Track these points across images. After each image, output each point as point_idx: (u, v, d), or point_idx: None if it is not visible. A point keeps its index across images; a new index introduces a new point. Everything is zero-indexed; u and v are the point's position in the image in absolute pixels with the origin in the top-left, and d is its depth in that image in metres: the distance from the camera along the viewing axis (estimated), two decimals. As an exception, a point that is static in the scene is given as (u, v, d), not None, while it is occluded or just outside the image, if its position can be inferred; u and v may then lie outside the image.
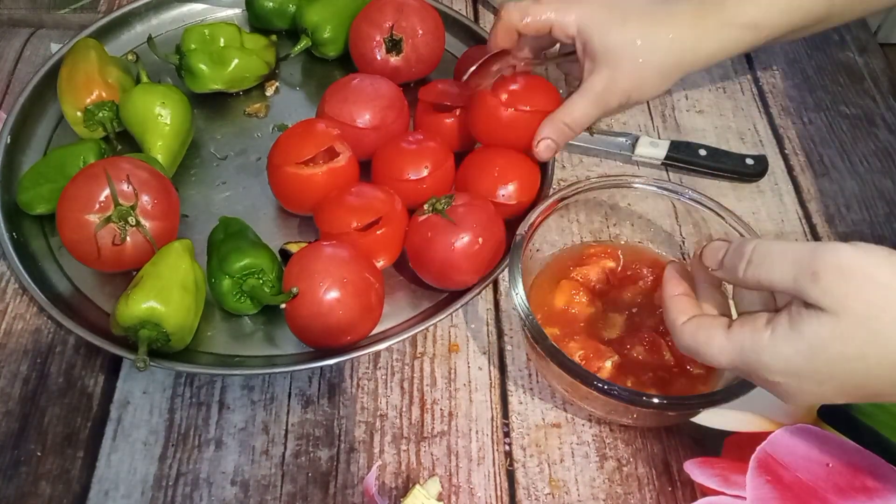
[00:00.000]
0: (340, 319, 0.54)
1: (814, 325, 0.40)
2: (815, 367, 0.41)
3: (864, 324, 0.39)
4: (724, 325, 0.44)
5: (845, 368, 0.40)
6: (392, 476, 0.53)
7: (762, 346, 0.42)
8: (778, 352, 0.41)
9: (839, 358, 0.40)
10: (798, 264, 0.40)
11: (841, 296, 0.39)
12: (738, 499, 0.53)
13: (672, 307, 0.47)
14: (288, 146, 0.62)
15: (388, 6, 0.71)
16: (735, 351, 0.43)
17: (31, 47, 0.78)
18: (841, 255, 0.39)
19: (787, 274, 0.40)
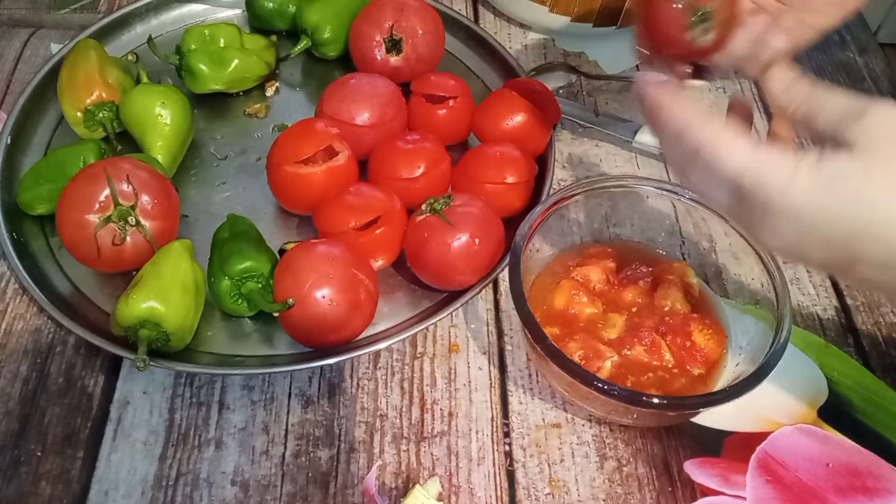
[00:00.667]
0: (328, 316, 0.54)
1: (841, 159, 0.39)
2: (822, 206, 0.39)
3: (889, 167, 0.38)
4: (753, 139, 0.42)
5: (848, 214, 0.39)
6: (392, 476, 0.53)
7: (783, 169, 0.40)
8: (796, 178, 0.40)
9: (850, 198, 0.39)
10: (852, 102, 0.41)
11: (877, 135, 0.39)
12: (738, 499, 0.53)
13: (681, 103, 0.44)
14: (287, 145, 0.62)
15: (388, 6, 0.71)
16: (754, 166, 0.41)
17: (31, 47, 0.78)
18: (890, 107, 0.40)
19: (838, 108, 0.41)
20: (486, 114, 0.68)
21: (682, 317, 0.58)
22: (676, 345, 0.56)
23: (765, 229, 0.42)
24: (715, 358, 0.56)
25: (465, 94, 0.68)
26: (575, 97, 0.77)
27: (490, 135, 0.67)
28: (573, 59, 0.81)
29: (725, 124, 0.43)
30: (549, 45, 0.83)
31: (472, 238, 0.58)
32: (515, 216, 0.62)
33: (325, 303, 0.54)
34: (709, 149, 0.42)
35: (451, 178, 0.65)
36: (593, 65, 0.81)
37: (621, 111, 0.76)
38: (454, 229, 0.58)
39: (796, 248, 0.42)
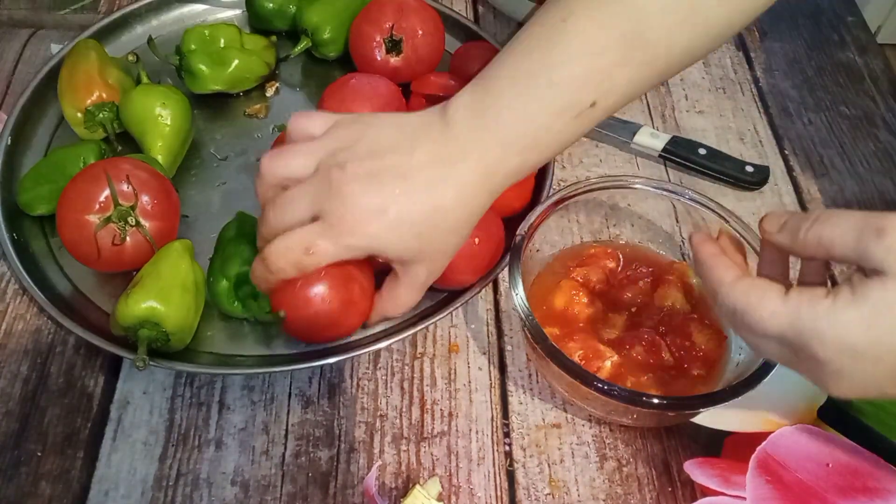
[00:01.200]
0: (320, 312, 0.53)
1: (878, 288, 0.38)
2: (876, 336, 0.38)
3: None
4: (781, 289, 0.41)
5: None
6: (392, 476, 0.53)
7: (821, 313, 0.39)
8: (838, 318, 0.38)
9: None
10: (863, 222, 0.39)
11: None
12: (739, 499, 0.53)
13: (717, 264, 0.44)
14: (288, 146, 0.62)
15: (388, 6, 0.71)
16: (790, 316, 0.40)
17: (32, 48, 0.78)
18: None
19: (851, 232, 0.39)
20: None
21: (682, 317, 0.58)
22: (676, 345, 0.56)
23: (831, 377, 0.40)
24: (715, 358, 0.56)
25: (465, 94, 0.68)
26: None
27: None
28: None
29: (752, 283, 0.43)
30: (549, 45, 0.83)
31: (472, 238, 0.58)
32: (515, 216, 0.62)
33: (317, 300, 0.53)
34: (743, 309, 0.42)
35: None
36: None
37: (622, 111, 0.76)
38: (454, 229, 0.57)
39: (869, 386, 0.40)
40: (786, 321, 0.40)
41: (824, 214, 0.41)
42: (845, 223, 0.39)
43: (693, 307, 0.59)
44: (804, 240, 0.41)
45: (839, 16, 0.88)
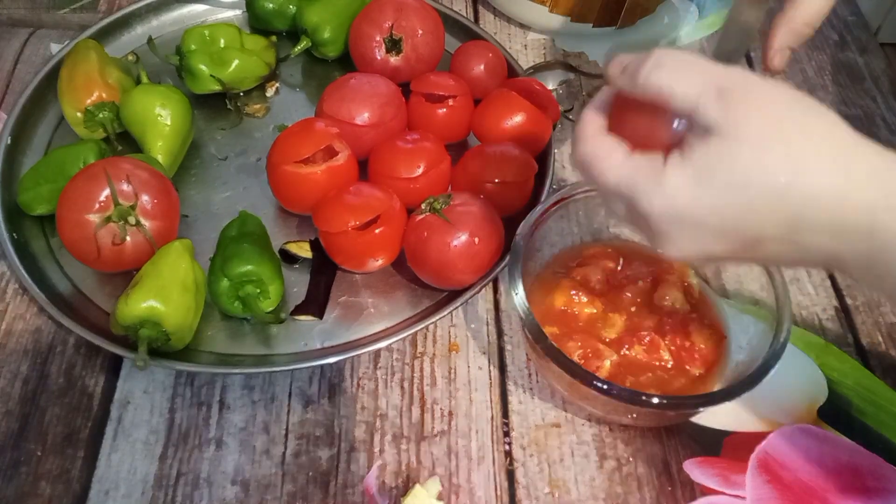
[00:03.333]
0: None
1: (702, 149, 0.38)
2: (699, 199, 0.38)
3: (753, 148, 0.37)
4: (627, 149, 0.41)
5: (727, 201, 0.38)
6: (392, 476, 0.54)
7: (652, 175, 0.39)
8: (666, 181, 0.39)
9: (723, 186, 0.38)
10: (706, 77, 0.38)
11: (738, 116, 0.37)
12: (738, 499, 0.53)
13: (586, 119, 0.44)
14: (287, 145, 0.62)
15: (388, 6, 0.71)
16: (627, 175, 0.40)
17: (31, 48, 0.78)
18: (748, 77, 0.38)
19: (693, 86, 0.38)
20: (485, 113, 0.68)
21: (681, 317, 0.58)
22: (676, 345, 0.56)
23: (659, 237, 0.41)
24: (715, 358, 0.56)
25: (465, 93, 0.68)
26: (575, 97, 0.77)
27: (490, 134, 0.67)
28: (573, 59, 0.81)
29: (603, 138, 0.42)
30: (549, 45, 0.83)
31: (472, 237, 0.58)
32: (515, 216, 0.62)
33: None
34: (590, 161, 0.42)
35: (451, 177, 0.65)
36: (593, 65, 0.81)
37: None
38: (454, 228, 0.58)
39: (696, 247, 0.41)
40: (623, 179, 0.41)
41: (667, 58, 0.39)
42: (687, 76, 0.39)
43: (693, 307, 0.59)
44: (644, 84, 0.40)
45: (839, 15, 0.88)
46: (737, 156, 0.37)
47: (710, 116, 0.38)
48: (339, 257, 0.61)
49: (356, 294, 0.62)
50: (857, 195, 0.37)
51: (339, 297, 0.62)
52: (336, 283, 0.62)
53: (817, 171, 0.37)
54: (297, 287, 0.62)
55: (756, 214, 0.38)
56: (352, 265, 0.62)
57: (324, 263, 0.62)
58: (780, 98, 0.38)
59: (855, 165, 0.37)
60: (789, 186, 0.37)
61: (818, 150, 0.37)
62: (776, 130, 0.37)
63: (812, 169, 0.37)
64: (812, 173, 0.37)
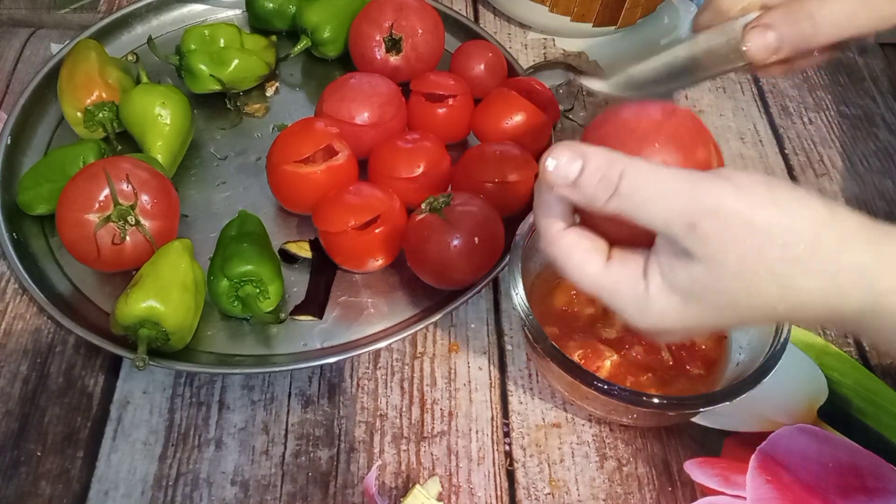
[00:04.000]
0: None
1: (685, 277, 0.37)
2: (686, 321, 0.39)
3: (737, 276, 0.37)
4: (604, 253, 0.40)
5: (715, 316, 0.38)
6: (392, 476, 0.53)
7: (637, 295, 0.39)
8: (652, 305, 0.39)
9: (710, 307, 0.38)
10: (673, 209, 0.36)
11: (716, 246, 0.36)
12: (739, 499, 0.53)
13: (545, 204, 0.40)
14: (286, 145, 0.62)
15: (388, 6, 0.71)
16: (608, 288, 0.40)
17: (31, 47, 0.78)
18: (721, 201, 0.36)
19: (659, 218, 0.36)
20: (485, 113, 0.68)
21: (682, 316, 0.57)
22: (676, 345, 0.56)
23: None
24: (715, 358, 0.56)
25: (465, 93, 0.68)
26: (574, 96, 0.77)
27: (490, 134, 0.67)
28: (573, 59, 0.81)
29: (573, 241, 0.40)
30: (549, 45, 0.83)
31: (472, 237, 0.58)
32: (515, 216, 0.62)
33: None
34: (563, 265, 0.41)
35: (451, 177, 0.65)
36: (593, 65, 0.81)
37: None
38: (454, 228, 0.58)
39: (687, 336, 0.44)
40: (605, 292, 0.40)
41: (627, 185, 0.36)
42: (654, 205, 0.36)
43: (693, 307, 0.59)
44: (604, 210, 0.37)
45: (839, 15, 0.88)
46: (722, 284, 0.37)
47: (686, 246, 0.37)
48: (339, 257, 0.61)
49: (356, 294, 0.62)
50: (845, 300, 0.37)
51: (339, 297, 0.62)
52: (336, 283, 0.62)
53: (804, 286, 0.37)
54: (297, 287, 0.62)
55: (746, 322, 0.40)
56: (352, 265, 0.62)
57: (324, 263, 0.62)
58: (759, 215, 0.36)
59: (840, 272, 0.36)
60: (778, 304, 0.37)
61: (804, 267, 0.36)
62: (759, 255, 0.36)
63: (799, 286, 0.37)
64: (800, 290, 0.37)
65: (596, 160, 0.37)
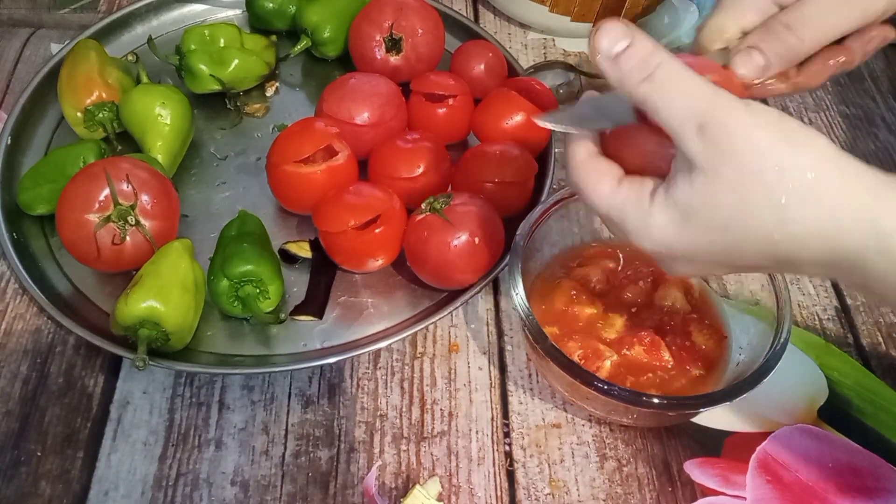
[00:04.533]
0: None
1: (686, 190, 0.38)
2: (684, 239, 0.39)
3: (733, 190, 0.37)
4: (616, 176, 0.42)
5: (712, 239, 0.39)
6: (392, 476, 0.53)
7: (641, 213, 0.40)
8: (654, 220, 0.40)
9: (706, 228, 0.38)
10: (690, 108, 0.37)
11: (717, 155, 0.37)
12: (739, 499, 0.53)
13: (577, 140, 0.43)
14: (286, 145, 0.62)
15: (388, 6, 0.71)
16: (616, 207, 0.41)
17: (31, 48, 0.78)
18: (732, 114, 0.37)
19: (677, 114, 0.37)
20: (485, 113, 0.68)
21: (681, 317, 0.57)
22: (676, 345, 0.56)
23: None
24: (715, 358, 0.56)
25: (465, 93, 0.68)
26: (575, 96, 0.77)
27: (490, 134, 0.67)
28: (573, 59, 0.81)
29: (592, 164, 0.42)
30: (549, 44, 0.83)
31: (472, 237, 0.58)
32: (515, 216, 0.62)
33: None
34: (581, 188, 0.43)
35: (451, 177, 0.65)
36: (593, 65, 0.81)
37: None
38: (454, 228, 0.58)
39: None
40: (612, 211, 0.41)
41: (662, 74, 0.38)
42: (676, 100, 0.37)
43: (693, 307, 0.59)
44: (636, 92, 0.38)
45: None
46: (718, 198, 0.37)
47: (692, 150, 0.37)
48: (339, 257, 0.61)
49: (356, 294, 0.62)
50: (845, 239, 0.37)
51: (339, 297, 0.62)
52: (336, 283, 0.62)
53: (802, 216, 0.37)
54: (297, 287, 0.62)
55: (744, 252, 0.39)
56: (352, 265, 0.62)
57: (324, 263, 0.62)
58: (762, 136, 0.37)
59: (840, 209, 0.36)
60: (774, 232, 0.37)
61: (802, 195, 0.36)
62: (757, 173, 0.37)
63: (796, 216, 0.37)
64: (796, 221, 0.37)
65: (642, 42, 0.39)
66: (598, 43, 0.39)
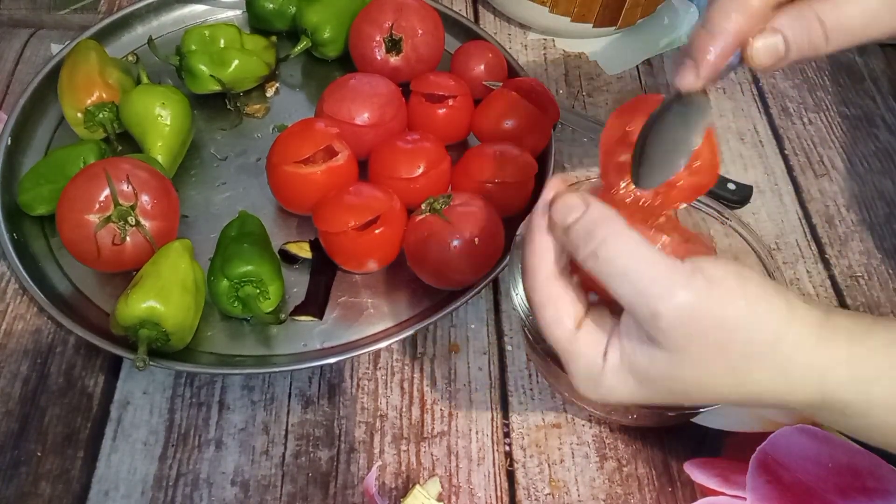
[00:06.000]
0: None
1: (645, 363, 0.38)
2: (634, 396, 0.40)
3: (696, 366, 0.38)
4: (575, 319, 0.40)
5: (665, 398, 0.40)
6: (392, 476, 0.53)
7: (594, 370, 0.39)
8: (602, 383, 0.39)
9: (664, 391, 0.39)
10: (639, 294, 0.36)
11: (680, 338, 0.36)
12: (739, 499, 0.53)
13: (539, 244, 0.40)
14: (286, 145, 0.62)
15: (388, 6, 0.71)
16: (569, 353, 0.40)
17: (32, 48, 0.78)
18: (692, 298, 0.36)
19: (627, 296, 0.37)
20: (485, 114, 0.68)
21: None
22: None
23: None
24: (715, 358, 0.56)
25: (465, 93, 0.68)
26: (575, 97, 0.78)
27: (490, 135, 0.67)
28: (573, 59, 0.81)
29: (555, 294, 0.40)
30: (549, 45, 0.83)
31: (472, 237, 0.58)
32: (515, 216, 0.62)
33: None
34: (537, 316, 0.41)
35: (451, 177, 0.65)
36: (593, 65, 0.81)
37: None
38: (454, 229, 0.58)
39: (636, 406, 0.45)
40: (564, 356, 0.40)
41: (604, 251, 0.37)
42: (623, 282, 0.36)
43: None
44: (584, 263, 0.38)
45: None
46: (680, 372, 0.38)
47: (649, 332, 0.37)
48: (339, 257, 0.61)
49: (356, 294, 0.62)
50: (794, 395, 0.39)
51: (339, 297, 0.62)
52: (336, 284, 0.62)
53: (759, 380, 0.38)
54: (297, 287, 0.62)
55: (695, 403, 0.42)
56: (352, 265, 0.62)
57: (324, 264, 0.62)
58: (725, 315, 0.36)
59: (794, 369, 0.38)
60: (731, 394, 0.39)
61: (761, 363, 0.38)
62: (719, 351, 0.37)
63: (754, 379, 0.38)
64: (753, 383, 0.38)
65: (593, 214, 0.37)
66: (553, 214, 0.39)
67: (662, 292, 0.36)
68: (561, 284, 0.40)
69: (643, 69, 0.81)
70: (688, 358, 0.37)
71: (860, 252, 0.68)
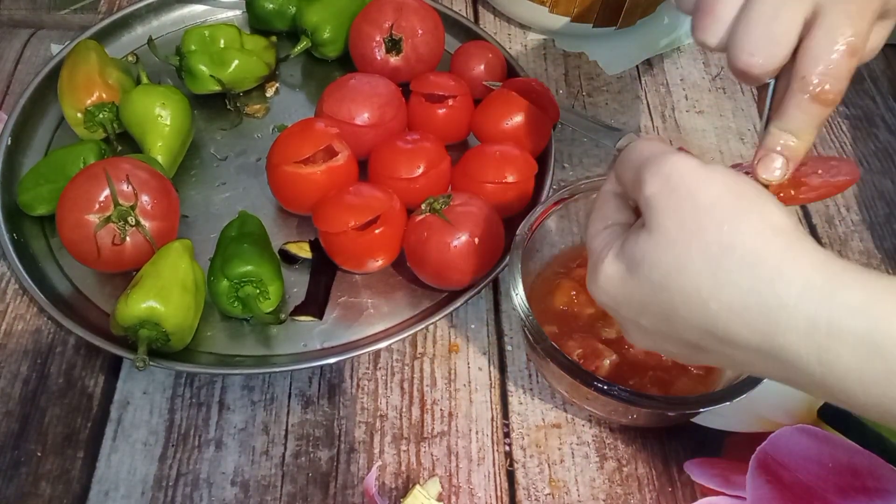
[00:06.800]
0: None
1: (631, 243, 0.37)
2: (625, 291, 0.38)
3: (671, 247, 0.35)
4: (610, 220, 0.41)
5: (650, 299, 0.37)
6: (392, 476, 0.53)
7: (595, 258, 0.40)
8: (600, 269, 0.39)
9: (646, 284, 0.37)
10: (636, 167, 0.38)
11: (659, 209, 0.36)
12: (739, 499, 0.53)
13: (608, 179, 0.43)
14: (286, 145, 0.62)
15: (388, 6, 0.71)
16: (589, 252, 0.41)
17: (32, 48, 0.78)
18: (673, 165, 0.36)
19: (629, 175, 0.39)
20: (485, 114, 0.68)
21: (681, 317, 0.57)
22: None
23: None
24: (715, 358, 0.56)
25: (465, 93, 0.68)
26: (575, 97, 0.78)
27: (490, 135, 0.67)
28: (573, 59, 0.81)
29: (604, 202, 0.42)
30: (549, 45, 0.83)
31: (472, 238, 0.58)
32: (515, 216, 0.62)
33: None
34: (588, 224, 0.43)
35: (451, 177, 0.65)
36: (593, 65, 0.81)
37: (621, 111, 0.76)
38: (454, 229, 0.58)
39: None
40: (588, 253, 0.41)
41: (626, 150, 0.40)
42: (628, 167, 0.39)
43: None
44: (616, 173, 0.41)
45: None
46: (657, 255, 0.36)
47: (641, 206, 0.38)
48: (339, 257, 0.61)
49: (356, 294, 0.62)
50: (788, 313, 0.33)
51: (339, 297, 0.62)
52: (336, 284, 0.62)
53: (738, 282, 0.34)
54: (297, 287, 0.62)
55: (683, 321, 0.36)
56: (352, 265, 0.62)
57: (324, 264, 0.62)
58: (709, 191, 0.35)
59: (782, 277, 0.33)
60: (710, 299, 0.35)
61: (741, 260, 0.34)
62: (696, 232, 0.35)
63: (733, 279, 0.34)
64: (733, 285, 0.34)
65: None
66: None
67: (649, 162, 0.37)
68: (614, 198, 0.42)
69: (643, 69, 0.81)
70: (663, 234, 0.36)
71: (860, 252, 0.68)
